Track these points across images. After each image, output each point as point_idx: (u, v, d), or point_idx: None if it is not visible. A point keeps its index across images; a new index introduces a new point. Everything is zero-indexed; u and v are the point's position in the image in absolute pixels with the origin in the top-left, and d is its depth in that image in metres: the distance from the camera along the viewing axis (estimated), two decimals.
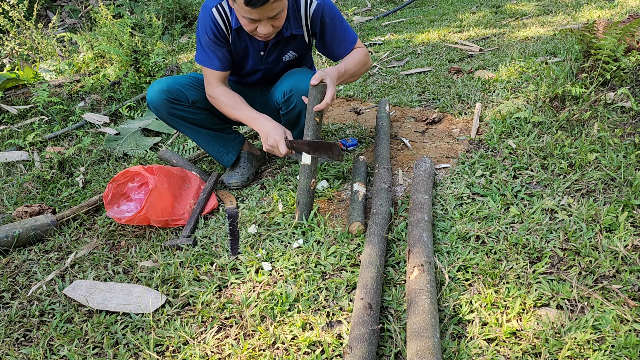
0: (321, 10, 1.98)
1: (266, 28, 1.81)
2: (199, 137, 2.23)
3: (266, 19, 1.78)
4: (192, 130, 2.20)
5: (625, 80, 2.49)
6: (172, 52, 4.22)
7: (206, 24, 1.95)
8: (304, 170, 1.89)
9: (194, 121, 2.17)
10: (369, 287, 1.40)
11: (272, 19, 1.80)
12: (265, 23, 1.80)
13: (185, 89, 2.11)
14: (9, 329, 1.56)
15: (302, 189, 1.89)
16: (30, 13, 6.08)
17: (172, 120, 2.14)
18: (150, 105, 2.12)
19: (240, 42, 2.03)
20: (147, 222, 1.93)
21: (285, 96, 2.07)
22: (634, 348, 1.18)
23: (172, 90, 2.08)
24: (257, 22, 1.79)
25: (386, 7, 6.56)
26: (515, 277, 1.47)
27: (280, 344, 1.36)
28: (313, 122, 1.88)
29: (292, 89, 2.03)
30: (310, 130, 1.88)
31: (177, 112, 2.12)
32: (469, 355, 1.24)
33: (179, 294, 1.62)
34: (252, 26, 1.82)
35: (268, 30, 1.82)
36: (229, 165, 2.31)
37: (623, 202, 1.69)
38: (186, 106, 2.12)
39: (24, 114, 3.66)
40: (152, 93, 2.09)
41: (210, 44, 1.98)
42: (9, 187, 2.56)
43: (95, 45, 4.37)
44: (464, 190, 1.93)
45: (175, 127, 2.19)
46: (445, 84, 3.25)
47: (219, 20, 1.93)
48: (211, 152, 2.30)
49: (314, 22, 2.02)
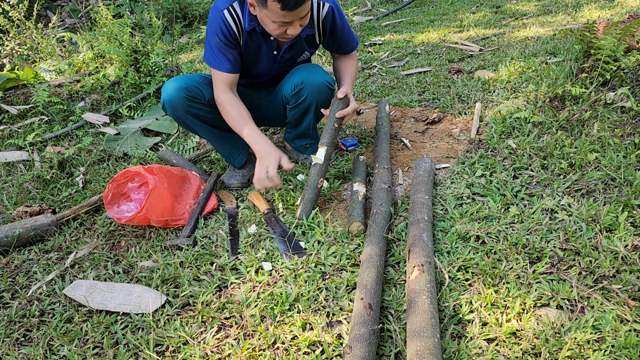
0: (333, 12, 2.03)
1: (296, 29, 1.82)
2: (212, 138, 2.21)
3: (297, 19, 1.79)
4: (206, 130, 2.17)
5: (625, 80, 2.49)
6: (172, 52, 4.22)
7: (217, 26, 1.93)
8: (315, 168, 1.96)
9: (208, 120, 2.14)
10: (369, 287, 1.40)
11: (301, 18, 1.81)
12: (295, 24, 1.81)
13: (202, 87, 2.09)
14: (9, 329, 1.56)
15: (310, 184, 1.93)
16: (30, 13, 6.08)
17: (189, 119, 2.10)
18: (167, 103, 2.06)
19: (252, 43, 2.02)
20: (147, 222, 1.93)
21: (295, 89, 2.08)
22: (634, 348, 1.18)
23: (190, 88, 2.05)
24: (288, 24, 1.79)
25: (386, 7, 6.56)
26: (515, 277, 1.47)
27: (280, 344, 1.36)
28: (332, 127, 2.03)
29: (304, 82, 2.05)
30: (328, 134, 2.02)
31: (195, 110, 2.08)
32: (469, 355, 1.24)
33: (179, 294, 1.62)
34: (282, 29, 1.81)
35: (298, 31, 1.84)
36: (239, 167, 2.31)
37: (623, 202, 1.69)
38: (203, 104, 2.09)
39: (24, 114, 3.66)
40: (170, 91, 2.04)
41: (220, 45, 1.95)
42: (9, 187, 2.56)
43: (95, 45, 4.37)
44: (464, 190, 1.93)
45: (191, 126, 2.15)
46: (445, 84, 3.25)
47: (230, 22, 1.92)
48: (223, 153, 2.28)
49: (325, 22, 2.05)
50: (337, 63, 2.28)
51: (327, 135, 2.02)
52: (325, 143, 2.01)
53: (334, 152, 2.48)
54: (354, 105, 2.07)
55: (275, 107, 2.27)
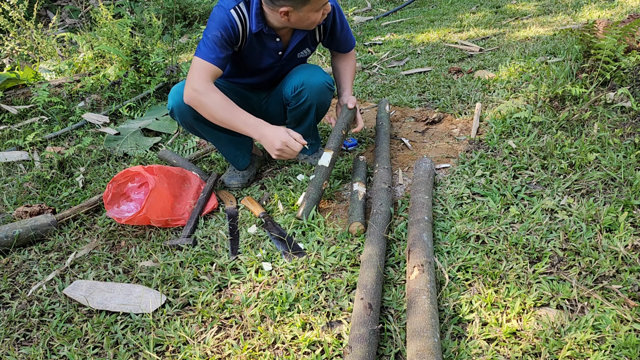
0: (334, 10, 2.07)
1: (329, 5, 1.92)
2: (218, 142, 2.20)
3: None
4: (213, 134, 2.13)
5: (625, 80, 2.49)
6: (172, 52, 4.22)
7: (222, 23, 1.89)
8: (320, 170, 1.99)
9: (215, 125, 2.07)
10: (369, 287, 1.40)
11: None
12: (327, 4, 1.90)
13: None
14: (9, 329, 1.56)
15: (314, 184, 1.95)
16: (30, 13, 6.08)
17: (196, 124, 2.06)
18: (175, 109, 2.01)
19: (257, 44, 2.01)
20: (147, 222, 1.93)
21: (295, 90, 2.08)
22: (634, 348, 1.18)
23: None
24: (324, 6, 1.86)
25: (386, 7, 6.56)
26: (515, 277, 1.47)
27: (280, 344, 1.36)
28: (340, 134, 2.10)
29: (304, 83, 2.06)
30: (335, 140, 2.08)
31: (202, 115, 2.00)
32: (469, 355, 1.24)
33: (179, 294, 1.62)
34: (319, 14, 1.88)
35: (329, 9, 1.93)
36: (243, 169, 2.31)
37: (623, 202, 1.69)
38: None
39: (24, 114, 3.66)
40: (178, 97, 1.99)
41: (218, 40, 1.90)
42: (9, 187, 2.56)
43: (95, 45, 4.37)
44: (464, 190, 1.93)
45: (199, 131, 2.11)
46: (445, 84, 3.25)
47: (237, 21, 1.90)
48: (228, 157, 2.27)
49: (327, 20, 2.07)
50: (336, 62, 2.30)
51: (335, 140, 2.07)
52: (332, 148, 2.04)
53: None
54: (362, 124, 2.23)
55: (276, 108, 2.27)
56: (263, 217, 1.96)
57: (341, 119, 2.14)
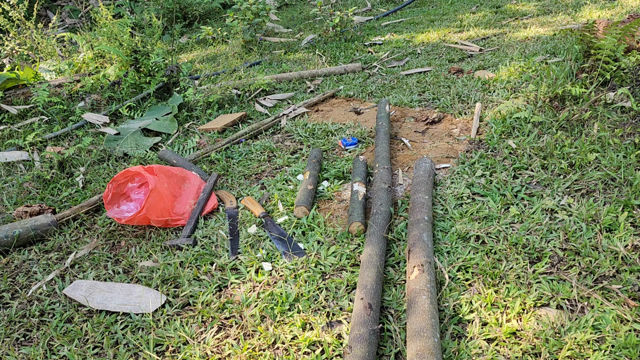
0: None
1: None
2: None
3: None
4: None
5: (625, 80, 2.49)
6: (172, 52, 4.22)
7: None
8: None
9: None
10: (369, 287, 1.40)
11: None
12: None
13: None
14: (9, 329, 1.56)
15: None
16: (30, 13, 6.08)
17: None
18: None
19: None
20: (147, 222, 1.93)
21: None
22: (634, 348, 1.18)
23: None
24: None
25: (386, 7, 6.56)
26: (515, 277, 1.47)
27: (280, 344, 1.36)
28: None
29: None
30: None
31: None
32: (469, 355, 1.24)
33: (179, 294, 1.62)
34: None
35: None
36: None
37: (623, 202, 1.69)
38: None
39: (24, 114, 3.66)
40: None
41: None
42: (9, 187, 2.56)
43: (95, 45, 4.37)
44: (464, 190, 1.93)
45: None
46: (445, 84, 3.25)
47: None
48: None
49: None
50: None
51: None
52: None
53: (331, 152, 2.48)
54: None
55: None
56: (263, 217, 1.96)
57: None
